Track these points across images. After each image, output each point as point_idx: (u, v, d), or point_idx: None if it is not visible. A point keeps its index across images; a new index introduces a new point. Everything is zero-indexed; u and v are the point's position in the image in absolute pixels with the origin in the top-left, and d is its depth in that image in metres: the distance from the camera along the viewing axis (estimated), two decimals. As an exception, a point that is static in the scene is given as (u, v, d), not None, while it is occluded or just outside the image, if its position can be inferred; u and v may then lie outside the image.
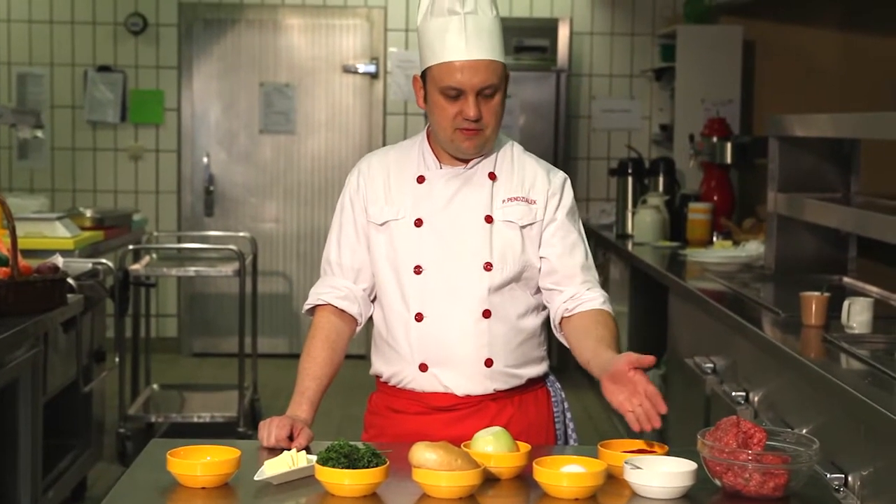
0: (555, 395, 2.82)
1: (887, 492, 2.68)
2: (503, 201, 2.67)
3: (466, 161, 2.69)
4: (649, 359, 2.35)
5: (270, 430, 2.52)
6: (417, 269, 2.65)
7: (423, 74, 2.65)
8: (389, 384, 2.74)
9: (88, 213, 6.05)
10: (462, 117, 2.58)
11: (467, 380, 2.65)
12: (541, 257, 2.69)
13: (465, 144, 2.63)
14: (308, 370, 2.69)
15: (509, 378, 2.68)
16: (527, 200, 2.68)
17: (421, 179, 2.70)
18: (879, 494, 2.71)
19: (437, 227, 2.66)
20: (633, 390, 2.34)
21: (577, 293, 2.67)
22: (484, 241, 2.65)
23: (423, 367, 2.67)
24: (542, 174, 2.72)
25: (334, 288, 2.75)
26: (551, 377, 2.83)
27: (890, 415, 2.61)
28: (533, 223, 2.68)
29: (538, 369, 2.76)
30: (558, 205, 2.70)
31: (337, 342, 2.73)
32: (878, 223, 3.83)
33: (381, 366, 2.75)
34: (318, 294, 2.76)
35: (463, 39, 2.57)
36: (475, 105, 2.57)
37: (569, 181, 2.76)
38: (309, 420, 2.62)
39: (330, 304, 2.74)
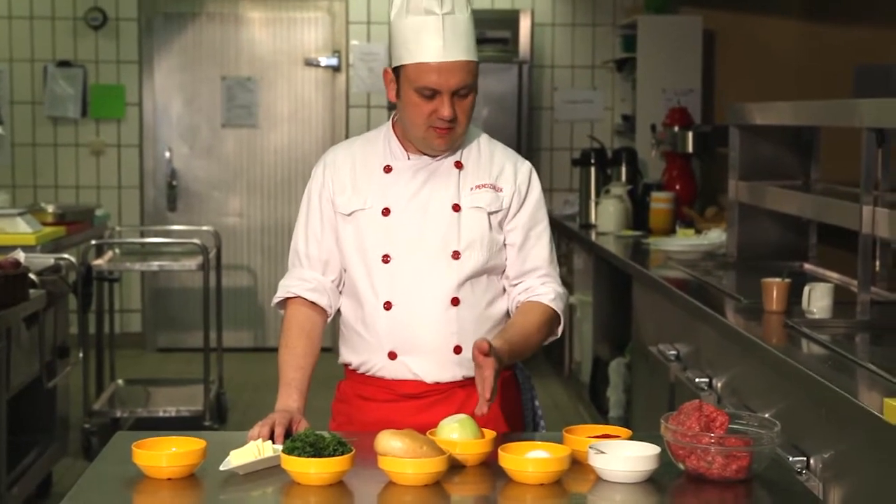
0: (523, 383, 2.84)
1: (848, 473, 2.72)
2: (471, 189, 2.69)
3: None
4: (482, 346, 2.40)
5: (266, 429, 2.49)
6: (385, 258, 2.66)
7: (396, 70, 2.63)
8: (358, 372, 2.74)
9: (50, 209, 6.00)
10: (436, 116, 2.59)
11: (436, 367, 2.66)
12: (506, 244, 2.71)
13: (436, 142, 2.64)
14: (289, 361, 2.70)
15: (477, 365, 2.69)
16: (494, 188, 2.70)
17: (388, 169, 2.71)
18: (841, 476, 2.75)
19: (405, 217, 2.67)
20: (478, 374, 2.42)
21: (532, 286, 2.71)
22: (452, 229, 2.66)
23: (392, 355, 2.68)
24: (509, 164, 2.74)
25: (303, 280, 2.76)
26: (520, 364, 2.84)
27: (850, 398, 2.64)
28: (499, 210, 2.70)
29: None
30: (525, 195, 2.73)
31: (312, 332, 2.74)
32: (838, 210, 3.86)
33: (350, 355, 2.75)
34: (288, 287, 2.77)
35: (440, 40, 2.57)
36: (450, 105, 2.58)
37: (534, 171, 2.79)
38: (301, 409, 2.63)
39: (300, 297, 2.75)
